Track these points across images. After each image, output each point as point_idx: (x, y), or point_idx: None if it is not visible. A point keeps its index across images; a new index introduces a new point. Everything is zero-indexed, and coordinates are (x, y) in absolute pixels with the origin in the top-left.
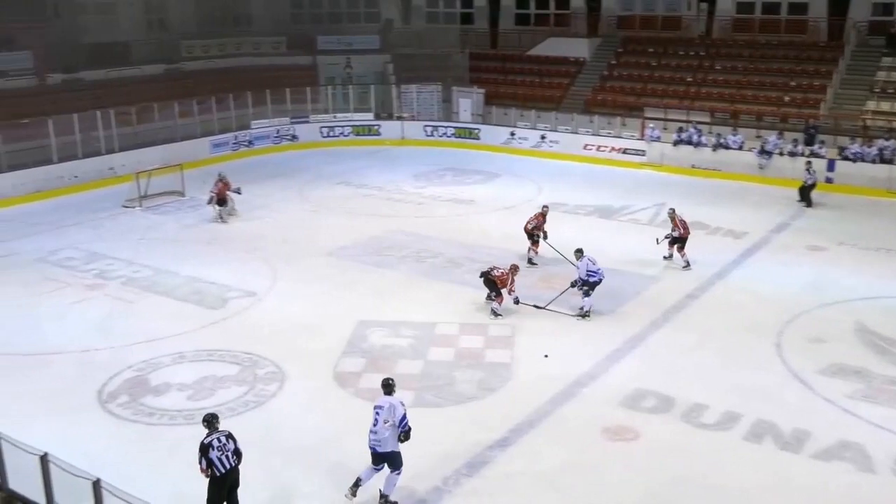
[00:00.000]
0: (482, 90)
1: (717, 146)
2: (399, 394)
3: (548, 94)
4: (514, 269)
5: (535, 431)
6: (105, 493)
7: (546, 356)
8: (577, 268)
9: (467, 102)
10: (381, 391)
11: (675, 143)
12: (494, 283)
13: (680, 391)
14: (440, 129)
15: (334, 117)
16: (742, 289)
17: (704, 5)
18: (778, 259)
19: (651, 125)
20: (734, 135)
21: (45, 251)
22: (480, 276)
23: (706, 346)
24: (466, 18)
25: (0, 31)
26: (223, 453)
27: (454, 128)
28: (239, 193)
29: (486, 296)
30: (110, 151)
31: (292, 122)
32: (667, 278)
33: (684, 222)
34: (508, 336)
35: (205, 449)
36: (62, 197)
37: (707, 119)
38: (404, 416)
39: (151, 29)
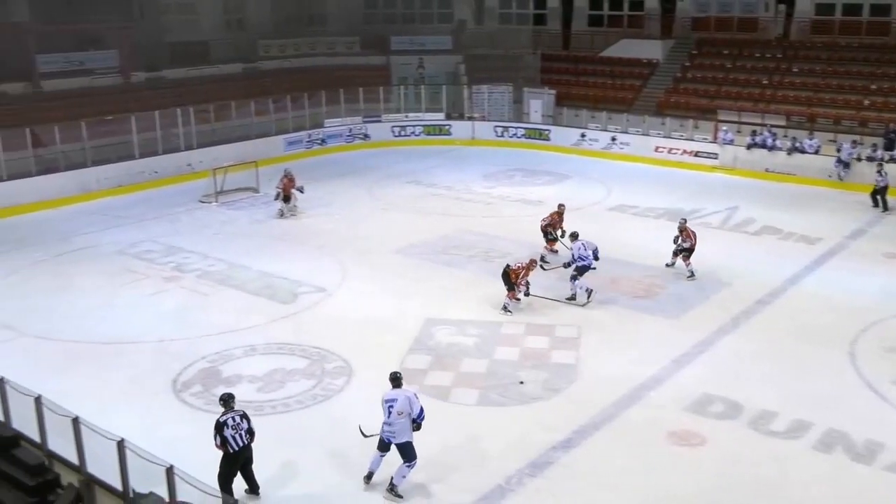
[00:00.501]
0: (553, 91)
1: (792, 150)
2: (464, 392)
3: (619, 95)
4: (532, 263)
5: (600, 433)
6: (177, 480)
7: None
8: (570, 250)
9: (538, 103)
10: (397, 386)
11: (749, 147)
12: (509, 277)
13: (748, 397)
14: (510, 129)
15: (406, 117)
16: (815, 295)
17: (782, 7)
18: (853, 266)
19: (724, 128)
20: (810, 139)
21: (125, 244)
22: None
23: (776, 353)
24: (539, 19)
25: (90, 32)
26: (237, 432)
27: (524, 128)
28: (302, 192)
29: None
30: (189, 148)
31: (365, 122)
32: (737, 283)
33: (695, 233)
34: (574, 338)
35: (219, 427)
36: (143, 191)
37: (782, 122)
38: (422, 410)
39: (230, 29)
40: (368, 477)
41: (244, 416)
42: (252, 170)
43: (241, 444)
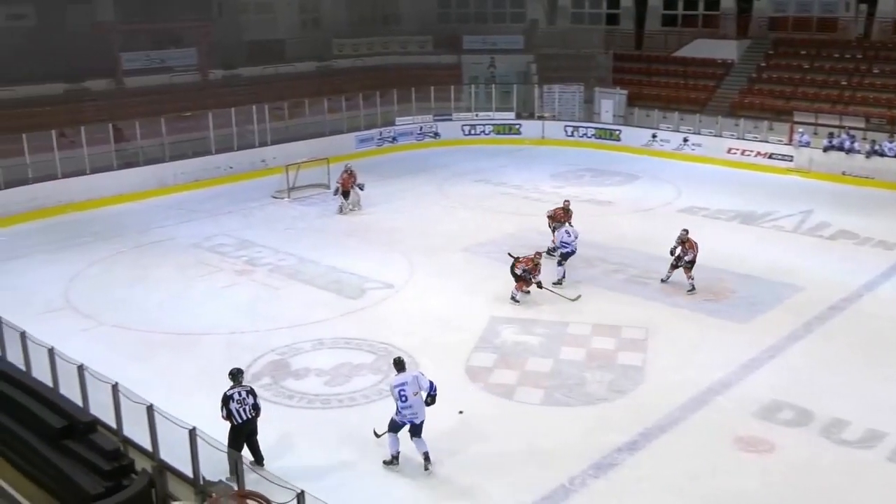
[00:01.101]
0: (625, 91)
1: (871, 153)
2: (528, 391)
3: (692, 96)
4: (537, 255)
5: (665, 437)
6: (245, 469)
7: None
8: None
9: (609, 103)
10: (401, 370)
11: (826, 149)
12: (514, 268)
13: (820, 405)
14: (581, 129)
15: (476, 116)
16: (892, 301)
17: (864, 6)
18: None
19: (800, 130)
20: (891, 141)
21: (200, 237)
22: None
23: (849, 360)
24: (612, 19)
25: (170, 30)
26: (241, 406)
27: (595, 128)
28: (362, 189)
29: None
30: (263, 144)
31: (435, 120)
32: (810, 288)
33: (697, 244)
34: (641, 339)
35: (226, 400)
36: (218, 186)
37: (861, 125)
38: (431, 383)
39: (306, 28)
40: (395, 458)
41: (250, 392)
42: (324, 166)
43: (244, 417)
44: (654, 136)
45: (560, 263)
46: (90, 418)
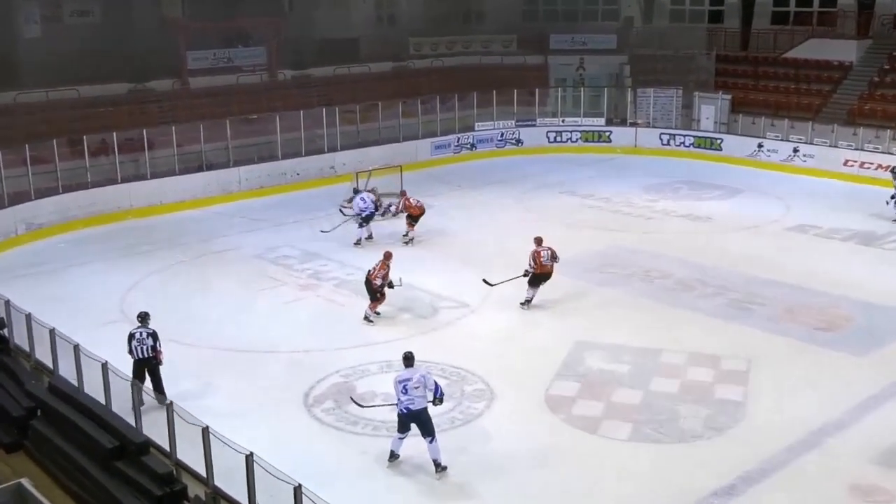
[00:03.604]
0: (728, 96)
1: None
2: (615, 425)
3: (804, 101)
4: (388, 256)
5: (769, 482)
6: (305, 500)
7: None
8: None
9: (710, 109)
10: (409, 366)
11: None
12: (371, 285)
13: None
14: (678, 137)
15: (562, 122)
16: None
17: None
18: None
19: None
20: None
21: (263, 248)
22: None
23: None
24: (715, 17)
25: (239, 28)
26: (141, 345)
27: (694, 137)
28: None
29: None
30: (332, 149)
31: (518, 126)
32: None
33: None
34: (743, 371)
35: (129, 337)
36: (284, 194)
37: None
38: (437, 385)
39: (381, 25)
40: (393, 456)
41: (151, 335)
42: (396, 174)
43: (141, 355)
44: (759, 145)
45: (361, 226)
46: (143, 439)
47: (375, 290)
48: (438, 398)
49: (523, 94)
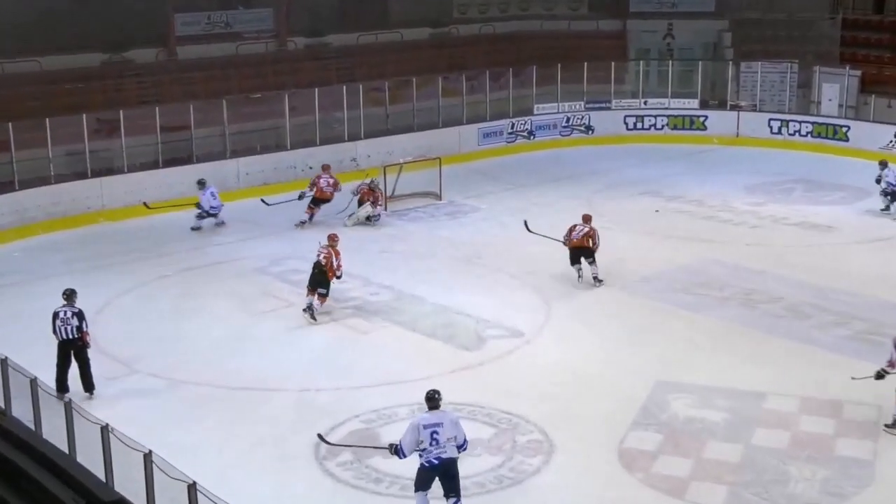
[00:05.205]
0: (857, 72)
1: None
2: (707, 487)
3: None
4: (333, 239)
5: None
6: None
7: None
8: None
9: (834, 89)
10: (435, 407)
11: None
12: (326, 275)
13: None
14: (792, 124)
15: (645, 104)
16: None
17: None
18: None
19: None
20: None
21: (267, 259)
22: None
23: None
24: None
25: None
26: (65, 325)
27: (812, 123)
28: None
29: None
30: (354, 138)
31: (588, 109)
32: None
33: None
34: (872, 422)
35: (54, 316)
36: (293, 192)
37: None
38: (465, 439)
39: None
40: None
41: (77, 315)
42: (434, 168)
43: (65, 336)
44: None
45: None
46: (115, 497)
47: (328, 282)
48: (461, 448)
49: (595, 68)
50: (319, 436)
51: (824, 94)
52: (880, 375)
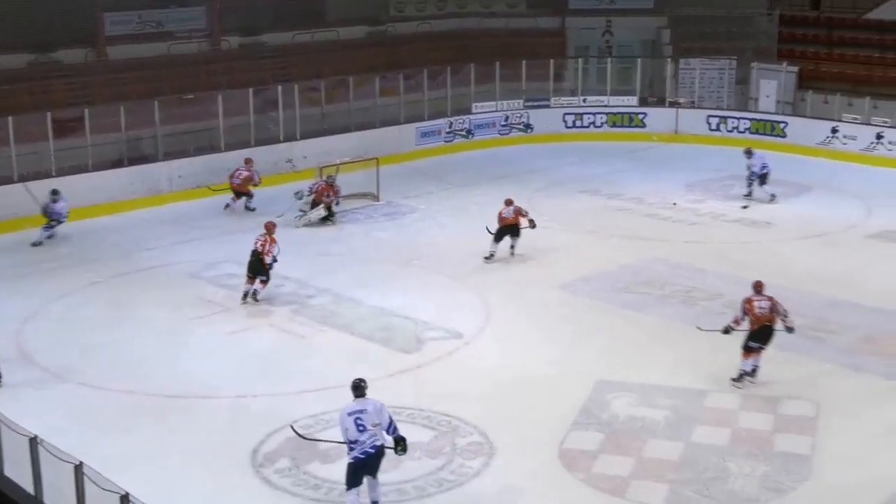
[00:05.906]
0: (794, 68)
1: None
2: (648, 486)
3: (891, 75)
4: (270, 227)
5: None
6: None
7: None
8: None
9: (772, 85)
10: (353, 394)
11: None
12: (262, 263)
13: None
14: (730, 120)
15: (583, 101)
16: None
17: None
18: None
19: None
20: None
21: (200, 264)
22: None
23: None
24: None
25: None
26: None
27: (751, 120)
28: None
29: None
30: (290, 138)
31: (527, 107)
32: None
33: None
34: (810, 417)
35: None
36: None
37: None
38: (392, 420)
39: None
40: None
41: None
42: (372, 169)
43: None
44: (834, 130)
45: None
46: None
47: (266, 269)
48: (401, 444)
49: (534, 66)
50: (293, 428)
51: (762, 91)
52: (727, 331)
